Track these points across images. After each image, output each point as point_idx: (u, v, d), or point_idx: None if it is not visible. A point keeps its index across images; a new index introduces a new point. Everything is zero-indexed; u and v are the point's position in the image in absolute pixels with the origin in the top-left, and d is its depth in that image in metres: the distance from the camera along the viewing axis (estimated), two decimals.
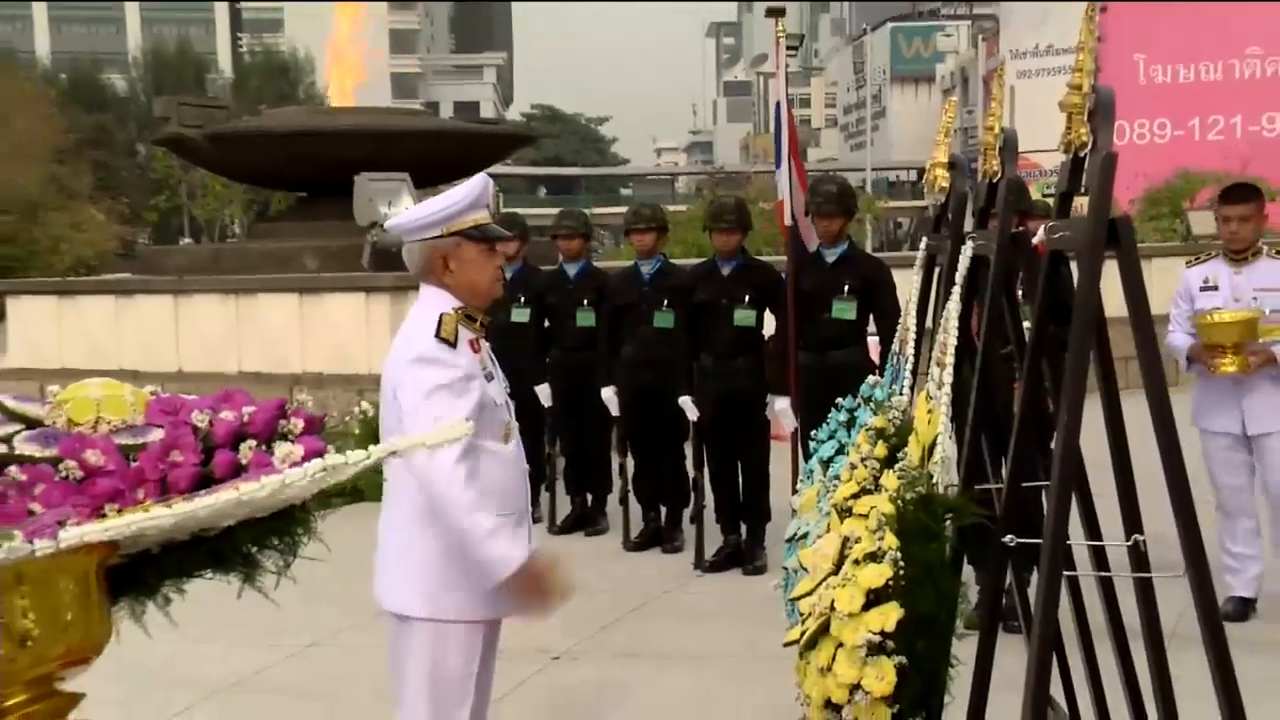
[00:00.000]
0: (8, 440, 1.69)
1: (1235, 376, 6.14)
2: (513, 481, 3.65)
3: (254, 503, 1.80)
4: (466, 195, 3.55)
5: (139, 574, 1.81)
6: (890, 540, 2.72)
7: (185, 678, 6.08)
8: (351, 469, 1.88)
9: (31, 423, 1.79)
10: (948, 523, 2.72)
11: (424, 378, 3.43)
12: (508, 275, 8.32)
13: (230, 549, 1.90)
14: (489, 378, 3.58)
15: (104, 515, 1.68)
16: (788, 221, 7.66)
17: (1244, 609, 6.26)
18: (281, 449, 1.89)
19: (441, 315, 3.51)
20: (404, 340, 3.58)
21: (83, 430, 1.79)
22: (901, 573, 2.69)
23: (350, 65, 16.44)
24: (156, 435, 1.81)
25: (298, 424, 1.96)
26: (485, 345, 3.66)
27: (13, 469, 1.65)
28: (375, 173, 12.94)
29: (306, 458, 1.89)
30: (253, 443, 1.88)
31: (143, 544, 1.76)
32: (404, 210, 3.64)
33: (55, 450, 1.70)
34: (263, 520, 1.89)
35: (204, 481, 1.80)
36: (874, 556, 2.74)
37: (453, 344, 3.49)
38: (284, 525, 1.94)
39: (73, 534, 1.59)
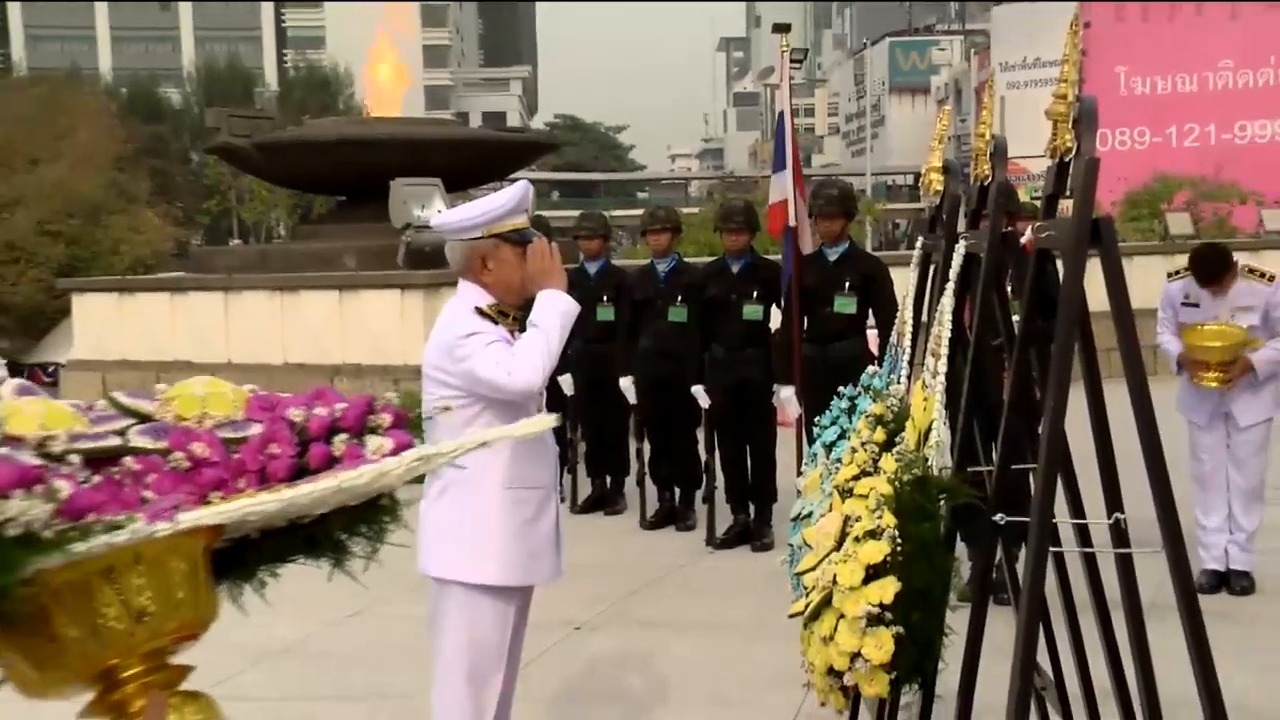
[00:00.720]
0: (123, 433, 1.71)
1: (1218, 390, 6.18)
2: (539, 458, 3.64)
3: (352, 490, 1.82)
4: (507, 201, 3.55)
5: (240, 558, 1.84)
6: (888, 519, 2.73)
7: (236, 645, 6.10)
8: (444, 459, 1.92)
9: (143, 417, 1.81)
10: (942, 502, 2.72)
11: (471, 343, 3.44)
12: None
13: (323, 535, 1.92)
14: None
15: (209, 503, 1.72)
16: (791, 222, 7.67)
17: (1217, 582, 6.26)
18: (372, 442, 1.91)
19: (477, 308, 3.52)
20: (441, 331, 3.57)
21: (189, 424, 1.82)
22: (899, 549, 2.69)
23: (393, 82, 16.48)
24: (256, 429, 1.84)
25: (386, 419, 1.98)
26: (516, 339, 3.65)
27: (128, 459, 1.68)
28: (409, 178, 12.94)
29: (395, 451, 1.93)
30: (345, 436, 1.90)
31: (245, 529, 1.80)
32: (444, 212, 3.62)
33: (165, 443, 1.73)
34: (353, 509, 1.91)
35: (300, 472, 1.82)
36: (873, 534, 2.74)
37: (494, 320, 3.52)
38: (372, 514, 1.95)
39: (189, 517, 1.63)
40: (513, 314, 3.61)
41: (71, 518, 1.51)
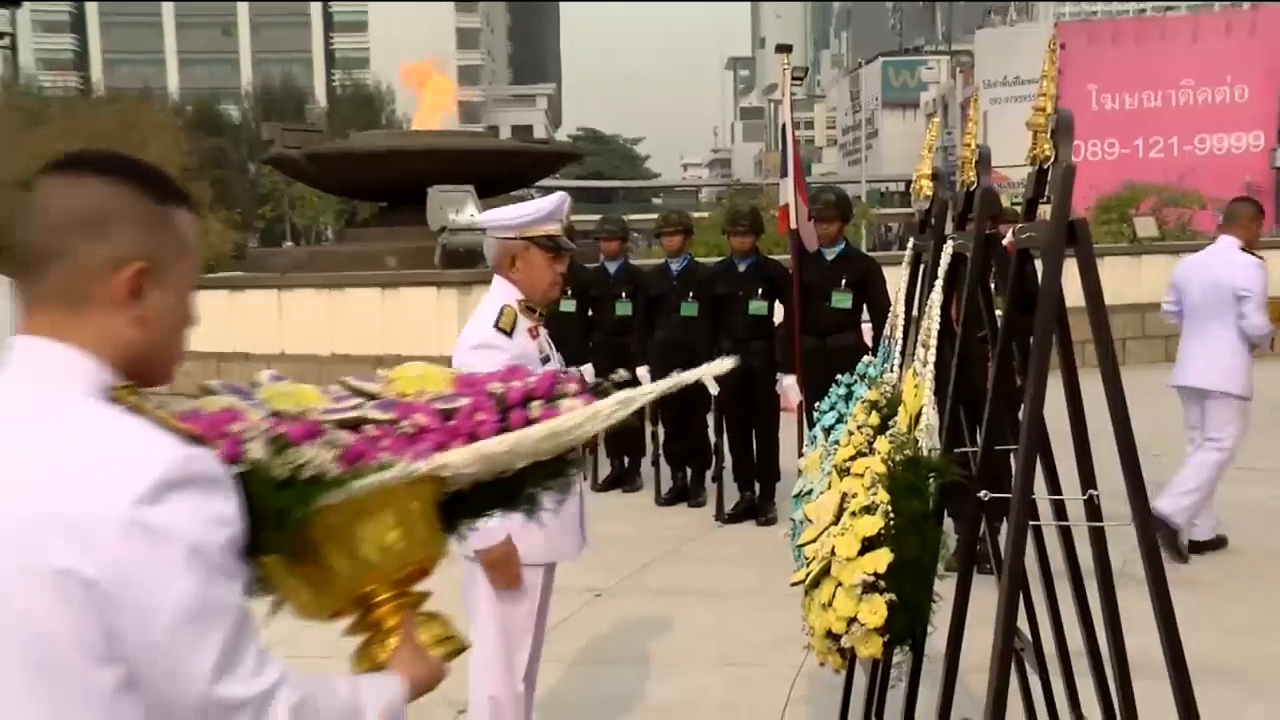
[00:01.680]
0: (359, 408, 1.84)
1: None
2: None
3: (563, 432, 1.91)
4: (543, 208, 3.49)
5: (449, 511, 1.93)
6: (882, 495, 2.72)
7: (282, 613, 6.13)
8: (637, 403, 1.99)
9: (371, 396, 1.92)
10: (931, 481, 2.71)
11: (477, 363, 3.34)
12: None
13: (519, 489, 1.99)
14: (545, 360, 3.50)
15: None
16: (792, 225, 7.67)
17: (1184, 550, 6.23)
18: (565, 404, 1.97)
19: (503, 307, 3.45)
20: (470, 327, 3.52)
21: (410, 399, 1.93)
22: (891, 523, 2.68)
23: (437, 101, 16.53)
24: (464, 401, 1.94)
25: (572, 386, 2.03)
26: (544, 332, 3.61)
27: (368, 427, 1.81)
28: (445, 185, 12.99)
29: None
30: (539, 402, 1.96)
31: (460, 482, 1.90)
32: (489, 211, 3.57)
33: (394, 414, 1.86)
34: (544, 464, 1.98)
35: (503, 434, 1.94)
36: (868, 509, 2.73)
37: (509, 333, 3.43)
38: (560, 468, 2.01)
39: (442, 457, 1.79)
40: (539, 310, 3.56)
41: (347, 463, 1.69)
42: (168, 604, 1.25)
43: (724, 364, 2.13)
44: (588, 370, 8.24)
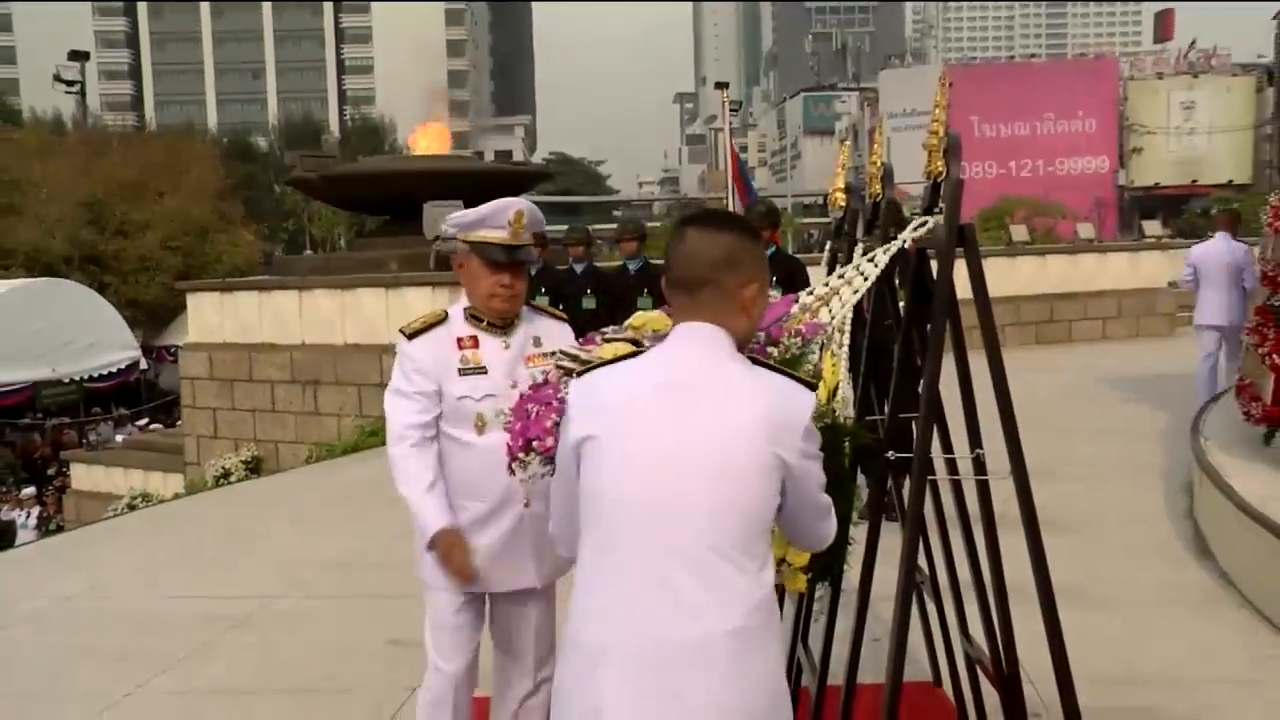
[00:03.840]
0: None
1: None
2: (482, 471, 2.68)
3: None
4: (480, 212, 2.75)
5: None
6: None
7: (306, 559, 6.06)
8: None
9: (583, 360, 2.16)
10: (847, 443, 2.68)
11: (396, 362, 2.80)
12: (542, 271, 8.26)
13: None
14: (474, 371, 2.72)
15: None
16: None
17: None
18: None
19: (436, 311, 2.81)
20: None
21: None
22: None
23: (436, 140, 16.56)
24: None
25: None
26: (491, 343, 2.76)
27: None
28: (438, 201, 12.92)
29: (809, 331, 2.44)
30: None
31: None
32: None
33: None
34: None
35: None
36: None
37: (409, 336, 2.75)
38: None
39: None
40: (485, 318, 2.77)
41: None
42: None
43: None
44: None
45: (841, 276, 2.77)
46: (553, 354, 2.47)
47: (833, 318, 2.57)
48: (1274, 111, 51.35)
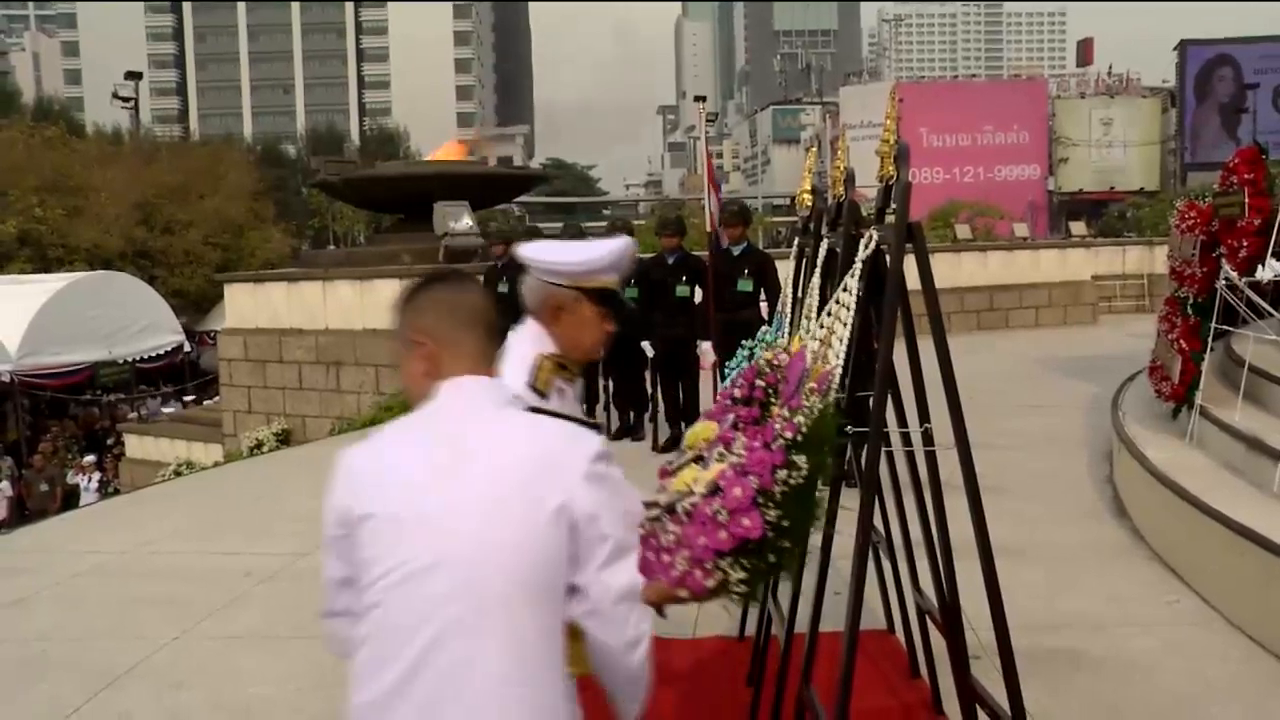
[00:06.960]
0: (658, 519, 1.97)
1: None
2: None
3: None
4: (605, 257, 2.19)
5: None
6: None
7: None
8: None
9: (662, 505, 2.00)
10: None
11: None
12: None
13: None
14: None
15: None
16: (708, 229, 7.60)
17: None
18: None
19: (540, 360, 2.16)
20: (506, 369, 2.07)
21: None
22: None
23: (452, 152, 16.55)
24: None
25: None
26: (571, 391, 2.26)
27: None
28: (447, 201, 12.85)
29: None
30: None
31: None
32: (539, 245, 2.24)
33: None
34: None
35: None
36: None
37: (543, 394, 2.13)
38: None
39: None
40: (572, 367, 2.23)
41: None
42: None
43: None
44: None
45: (829, 313, 2.71)
46: None
47: (838, 358, 2.53)
48: (1177, 129, 52.44)
